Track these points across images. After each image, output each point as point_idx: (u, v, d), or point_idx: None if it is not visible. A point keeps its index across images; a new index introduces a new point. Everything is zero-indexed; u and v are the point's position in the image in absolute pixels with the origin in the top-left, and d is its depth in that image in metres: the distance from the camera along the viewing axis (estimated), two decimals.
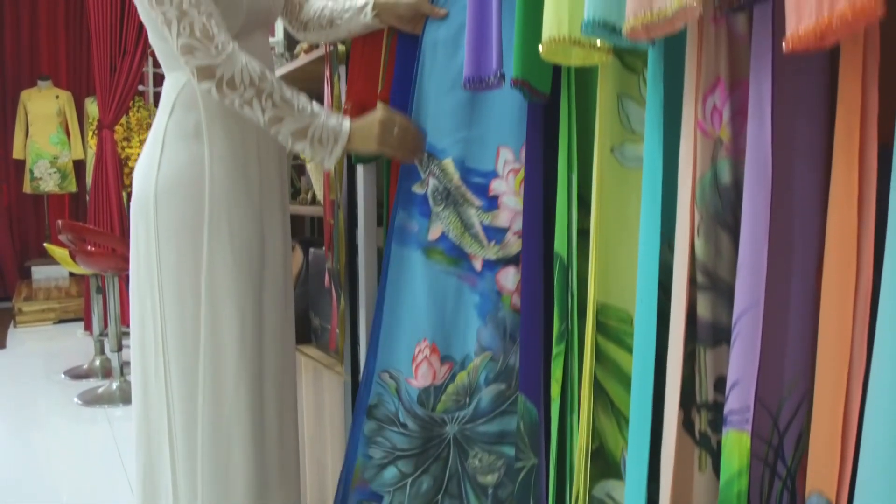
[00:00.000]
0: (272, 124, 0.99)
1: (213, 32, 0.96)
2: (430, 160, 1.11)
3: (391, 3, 1.15)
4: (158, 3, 0.95)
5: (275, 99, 0.98)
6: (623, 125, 0.85)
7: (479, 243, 1.08)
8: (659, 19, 0.67)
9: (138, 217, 1.07)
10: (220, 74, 0.96)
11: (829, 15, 0.52)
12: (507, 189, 1.05)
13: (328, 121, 1.02)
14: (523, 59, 0.85)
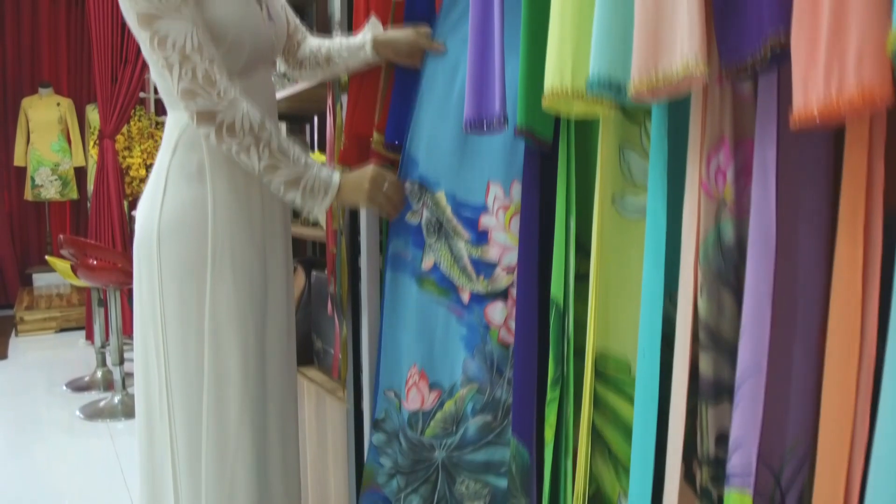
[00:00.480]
0: (267, 173, 1.00)
1: (215, 78, 0.96)
2: (424, 192, 1.12)
3: (390, 40, 1.16)
4: (160, 47, 0.95)
5: (272, 148, 0.99)
6: (624, 176, 0.85)
7: (468, 276, 1.10)
8: (664, 84, 0.67)
9: (141, 254, 1.07)
10: (221, 120, 0.96)
11: (837, 98, 0.53)
12: (497, 225, 1.07)
13: (320, 173, 1.04)
14: (527, 107, 0.85)
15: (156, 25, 0.95)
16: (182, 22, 0.95)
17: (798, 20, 0.56)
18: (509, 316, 1.08)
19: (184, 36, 0.95)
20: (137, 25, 0.97)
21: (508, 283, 1.07)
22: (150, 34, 0.96)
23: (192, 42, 0.95)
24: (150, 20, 0.95)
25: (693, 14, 0.64)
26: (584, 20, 0.76)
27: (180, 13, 0.95)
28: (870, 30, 0.50)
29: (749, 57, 0.62)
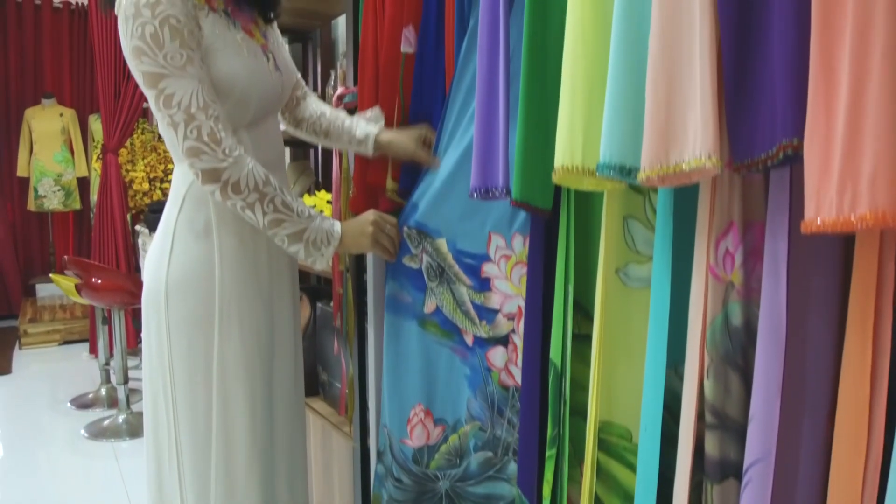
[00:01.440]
0: (271, 227, 1.01)
1: (220, 136, 0.97)
2: (424, 237, 1.14)
3: (392, 145, 1.20)
4: (166, 105, 0.96)
5: (276, 203, 1.00)
6: (628, 246, 0.86)
7: (471, 320, 1.12)
8: (675, 173, 0.68)
9: (150, 309, 1.08)
10: (226, 178, 0.97)
11: (849, 214, 0.53)
12: (499, 273, 1.09)
13: (322, 224, 1.06)
14: (523, 181, 0.85)
15: (161, 84, 0.96)
16: (187, 80, 0.96)
17: (811, 132, 0.56)
18: (510, 360, 1.11)
19: (189, 95, 0.96)
20: (143, 84, 0.98)
21: (509, 329, 1.10)
22: (155, 93, 0.96)
23: (198, 101, 0.96)
24: (155, 79, 0.96)
25: (706, 108, 0.64)
26: (594, 99, 0.77)
27: (185, 72, 0.96)
28: (884, 152, 0.51)
29: (761, 154, 0.63)
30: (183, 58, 0.96)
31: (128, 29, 0.96)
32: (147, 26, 0.94)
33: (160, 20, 0.94)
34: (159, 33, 0.94)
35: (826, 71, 0.55)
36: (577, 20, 0.78)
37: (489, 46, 0.92)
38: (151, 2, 0.95)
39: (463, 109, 1.10)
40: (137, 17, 0.95)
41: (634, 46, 0.71)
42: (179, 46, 0.95)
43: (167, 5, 0.95)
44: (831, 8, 0.55)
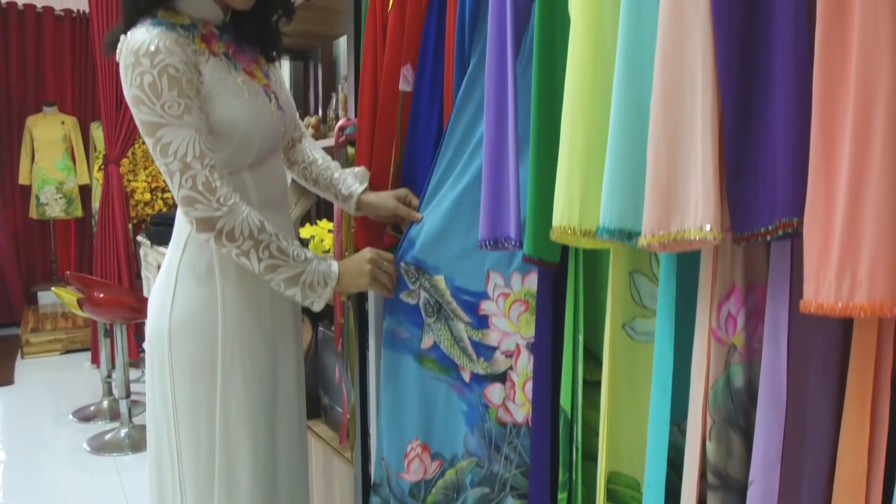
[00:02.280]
0: (267, 272, 1.02)
1: (215, 185, 0.97)
2: (421, 274, 1.14)
3: (373, 205, 1.22)
4: (163, 154, 0.97)
5: (271, 250, 1.00)
6: (634, 301, 0.86)
7: (469, 357, 1.13)
8: (676, 240, 0.68)
9: (153, 350, 1.09)
10: (221, 227, 0.98)
11: (847, 302, 0.53)
12: (498, 311, 1.09)
13: (319, 266, 1.06)
14: (535, 237, 0.86)
15: (159, 133, 0.96)
16: (184, 130, 0.96)
17: (811, 214, 0.57)
18: (507, 397, 1.11)
19: (186, 144, 0.96)
20: (142, 132, 0.99)
21: (507, 366, 1.10)
22: (153, 141, 0.97)
23: (194, 150, 0.96)
24: (153, 128, 0.96)
25: (707, 178, 0.65)
26: (592, 159, 0.77)
27: (183, 121, 0.96)
28: (883, 242, 0.51)
29: (761, 228, 0.63)
30: (180, 107, 0.96)
31: (127, 77, 0.97)
32: (146, 76, 0.95)
33: (159, 70, 0.95)
34: (157, 83, 0.95)
35: (826, 154, 0.56)
36: (576, 80, 0.78)
37: (497, 97, 0.92)
38: (151, 51, 0.95)
39: (460, 148, 1.10)
40: (137, 67, 0.95)
41: (635, 110, 0.72)
42: (177, 96, 0.96)
43: (166, 54, 0.95)
44: (833, 92, 0.55)
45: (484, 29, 1.06)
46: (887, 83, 0.51)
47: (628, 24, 0.72)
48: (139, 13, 1.02)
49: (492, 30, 0.94)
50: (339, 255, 1.45)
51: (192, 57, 1.00)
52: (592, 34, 0.77)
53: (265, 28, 1.17)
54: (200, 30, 1.05)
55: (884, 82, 0.51)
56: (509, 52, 0.92)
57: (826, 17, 0.55)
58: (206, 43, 1.05)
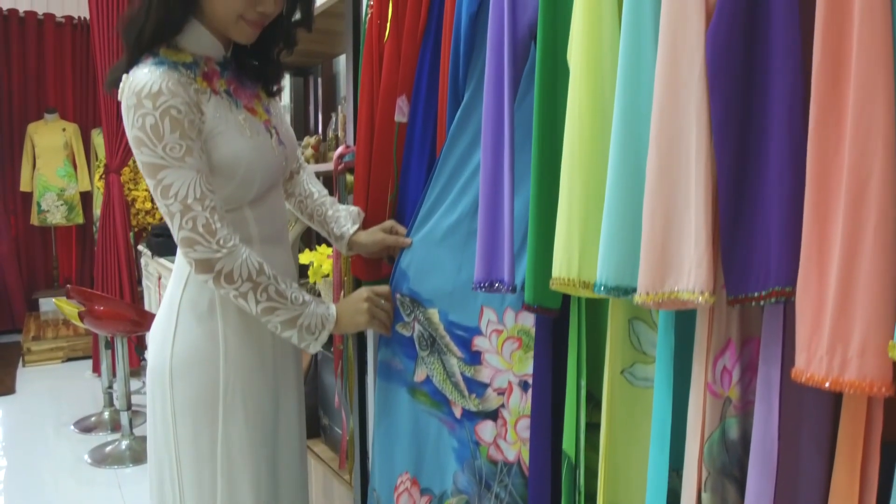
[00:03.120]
0: (264, 315, 1.02)
1: (215, 227, 0.98)
2: (416, 306, 1.14)
3: (363, 245, 1.23)
4: (163, 195, 0.97)
5: (269, 293, 1.01)
6: (634, 347, 0.87)
7: (460, 393, 1.12)
8: (670, 300, 0.69)
9: (154, 386, 1.09)
10: (220, 269, 0.98)
11: (837, 376, 0.54)
12: (490, 348, 1.09)
13: (317, 309, 1.07)
14: (536, 285, 0.86)
15: (160, 175, 0.96)
16: (186, 171, 0.96)
17: (803, 286, 0.57)
18: (499, 435, 1.10)
19: (186, 186, 0.96)
20: (143, 173, 0.99)
21: (499, 403, 1.10)
22: (154, 182, 0.97)
23: (195, 192, 0.97)
24: (154, 170, 0.97)
25: (701, 244, 0.65)
26: (591, 212, 0.78)
27: (184, 162, 0.96)
28: (874, 321, 0.52)
29: (754, 293, 0.64)
30: (182, 149, 0.96)
31: (129, 118, 0.97)
32: (148, 117, 0.95)
33: (161, 111, 0.95)
34: (159, 125, 0.95)
35: (820, 228, 0.56)
36: (575, 133, 0.79)
37: (493, 138, 0.93)
38: (153, 92, 0.95)
39: (453, 178, 1.10)
40: (139, 108, 0.95)
41: (632, 168, 0.72)
42: (179, 137, 0.96)
43: (168, 96, 0.96)
44: (827, 167, 0.56)
45: (478, 62, 1.07)
46: (881, 162, 0.52)
47: (626, 82, 0.73)
48: (141, 50, 1.02)
49: (489, 65, 0.94)
50: (337, 282, 1.45)
51: (194, 97, 1.00)
52: (591, 88, 0.78)
53: (267, 61, 1.17)
54: (202, 67, 1.05)
55: (878, 160, 0.52)
56: (507, 91, 0.92)
57: (822, 90, 0.56)
58: (207, 81, 1.05)
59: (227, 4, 1.01)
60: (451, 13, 1.11)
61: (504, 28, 0.91)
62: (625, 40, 0.73)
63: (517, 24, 0.92)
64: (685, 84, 0.66)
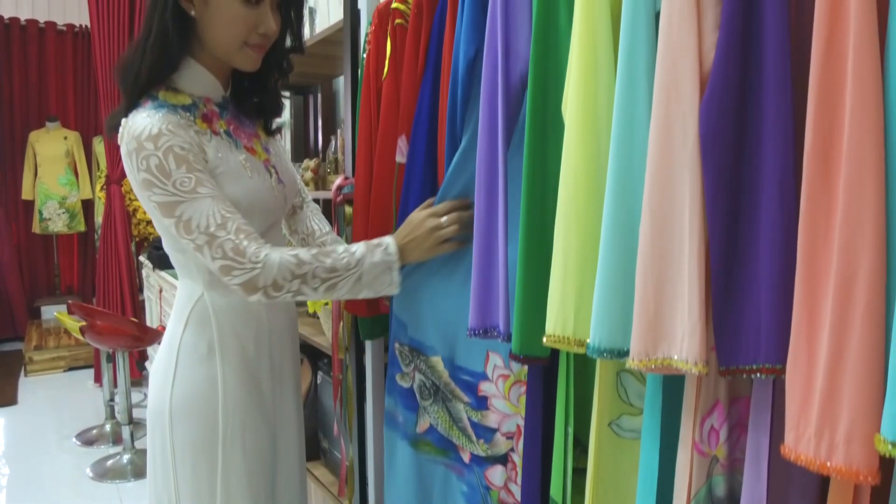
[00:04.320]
0: (328, 295, 1.01)
1: (243, 247, 0.96)
2: (416, 356, 1.14)
3: None
4: (186, 231, 0.97)
5: (319, 275, 0.99)
6: (621, 399, 0.88)
7: (468, 437, 1.12)
8: (663, 366, 0.70)
9: (154, 427, 1.10)
10: (263, 284, 0.97)
11: (825, 460, 0.55)
12: (497, 393, 1.08)
13: (373, 259, 1.03)
14: (523, 336, 0.87)
15: (177, 212, 0.96)
16: (200, 202, 0.96)
17: (793, 366, 0.58)
18: (509, 479, 1.10)
19: (206, 216, 0.96)
20: (160, 214, 0.98)
21: (508, 448, 1.09)
22: (174, 221, 0.97)
23: (215, 219, 0.96)
24: (171, 208, 0.96)
25: (693, 314, 0.66)
26: (586, 271, 0.78)
27: (198, 194, 0.96)
28: (861, 409, 0.53)
29: (743, 366, 0.65)
30: (192, 181, 0.96)
31: (132, 163, 0.97)
32: (151, 158, 0.95)
33: (164, 151, 0.95)
34: (164, 163, 0.95)
35: (809, 312, 0.57)
36: (569, 192, 0.79)
37: (487, 186, 0.94)
38: (153, 134, 0.96)
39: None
40: (140, 151, 0.96)
41: (626, 232, 0.73)
42: (186, 171, 0.96)
43: (169, 136, 0.96)
44: (816, 251, 0.57)
45: (475, 106, 1.07)
46: (870, 254, 0.53)
47: (619, 142, 0.73)
48: (140, 92, 1.03)
49: (483, 113, 0.95)
50: (336, 312, 1.46)
51: (195, 137, 1.00)
52: (586, 144, 0.79)
53: (264, 92, 1.18)
54: (201, 109, 1.06)
55: (867, 252, 0.53)
56: (500, 138, 0.93)
57: (812, 175, 0.57)
58: (207, 122, 1.06)
59: (231, 32, 1.02)
60: (450, 53, 1.12)
61: (497, 77, 0.92)
62: (619, 99, 0.74)
63: (510, 73, 0.93)
64: (678, 153, 0.67)
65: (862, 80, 0.54)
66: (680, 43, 0.66)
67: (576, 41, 0.80)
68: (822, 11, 0.56)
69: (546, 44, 0.86)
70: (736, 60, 0.64)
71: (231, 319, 1.09)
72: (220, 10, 1.01)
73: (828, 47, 0.55)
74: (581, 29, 0.79)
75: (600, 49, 0.78)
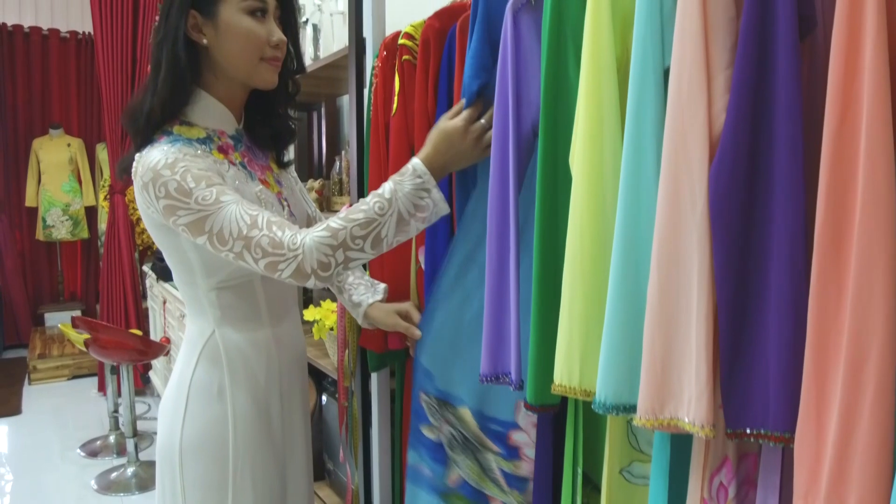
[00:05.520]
0: (376, 247, 0.96)
1: (279, 238, 0.93)
2: (445, 407, 1.12)
3: (376, 320, 1.23)
4: (221, 243, 0.95)
5: (359, 234, 0.94)
6: (632, 447, 0.88)
7: (500, 488, 1.09)
8: (670, 426, 0.70)
9: (164, 465, 1.10)
10: (310, 269, 0.94)
11: None
12: (529, 441, 1.05)
13: (404, 189, 0.97)
14: (537, 387, 0.87)
15: (206, 226, 0.94)
16: (226, 209, 0.94)
17: (802, 439, 0.58)
18: None
19: (234, 221, 0.94)
20: (191, 235, 0.96)
21: None
22: (206, 237, 0.95)
23: (245, 221, 0.94)
24: (199, 225, 0.94)
25: (701, 378, 0.66)
26: (591, 324, 0.79)
27: (221, 203, 0.94)
28: (869, 494, 0.53)
29: (750, 430, 0.65)
30: (213, 193, 0.94)
31: (150, 194, 0.96)
32: (170, 183, 0.94)
33: (181, 174, 0.94)
34: (183, 184, 0.94)
35: (819, 387, 0.57)
36: (576, 246, 0.79)
37: (499, 237, 0.93)
38: (169, 162, 0.95)
39: (464, 269, 1.08)
40: (158, 179, 0.94)
41: (632, 289, 0.73)
42: (206, 186, 0.95)
43: (187, 162, 0.96)
44: (827, 327, 0.57)
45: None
46: (881, 335, 0.53)
47: (627, 201, 0.74)
48: (154, 129, 1.02)
49: (494, 160, 0.95)
50: (342, 340, 1.47)
51: (213, 166, 1.00)
52: (593, 199, 0.79)
53: (276, 118, 1.17)
54: (216, 142, 1.06)
55: (878, 333, 0.53)
56: (511, 186, 0.93)
57: (823, 249, 0.57)
58: (223, 153, 1.05)
59: (247, 49, 1.02)
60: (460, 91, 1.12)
61: (509, 124, 0.92)
62: (626, 157, 0.74)
63: (521, 120, 0.93)
64: (687, 216, 0.67)
65: (875, 154, 0.54)
66: (690, 106, 0.66)
67: (582, 95, 0.80)
68: (836, 81, 0.57)
69: (556, 94, 0.86)
70: (747, 126, 0.64)
71: (242, 357, 1.09)
72: (233, 30, 1.01)
73: (841, 121, 0.55)
74: (587, 84, 0.79)
75: (606, 104, 0.79)
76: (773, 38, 0.62)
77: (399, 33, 1.26)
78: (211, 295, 1.07)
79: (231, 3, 1.01)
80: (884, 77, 0.55)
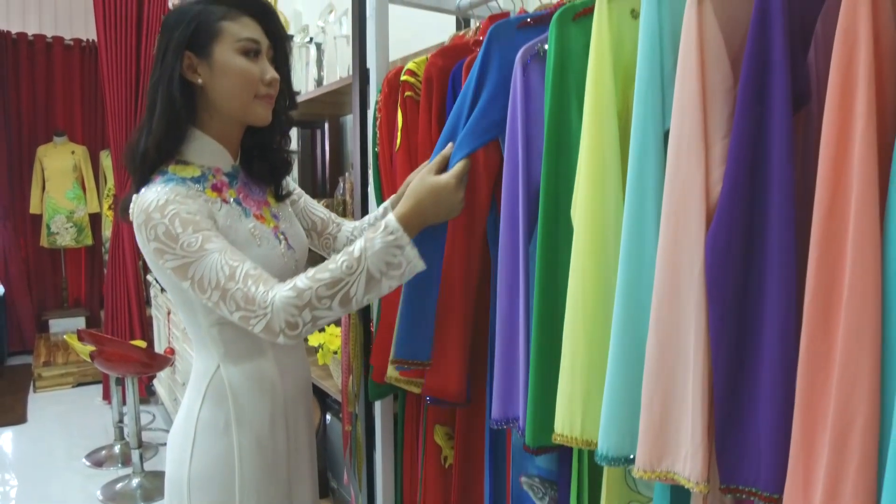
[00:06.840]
0: (345, 307, 0.97)
1: (252, 294, 0.95)
2: (549, 486, 1.05)
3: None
4: (201, 290, 0.97)
5: (325, 294, 0.95)
6: (630, 488, 0.90)
7: None
8: (667, 478, 0.72)
9: (172, 496, 1.13)
10: (279, 327, 0.95)
11: None
12: None
13: (375, 248, 0.96)
14: (535, 430, 0.89)
15: (189, 273, 0.97)
16: (208, 258, 0.96)
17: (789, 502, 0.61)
18: None
19: (214, 271, 0.96)
20: (175, 279, 0.99)
21: None
22: (189, 283, 0.97)
23: (224, 272, 0.96)
24: (184, 270, 0.97)
25: (697, 435, 0.69)
26: (593, 375, 0.81)
27: (205, 250, 0.96)
28: None
29: (744, 487, 0.67)
30: (199, 240, 0.97)
31: (143, 235, 0.99)
32: (159, 227, 0.97)
33: (170, 217, 0.97)
34: (171, 228, 0.96)
35: (806, 454, 0.60)
36: (577, 298, 0.82)
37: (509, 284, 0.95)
38: (161, 204, 0.97)
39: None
40: (149, 222, 0.97)
41: (633, 345, 0.75)
42: (193, 232, 0.97)
43: (177, 204, 0.98)
44: (814, 403, 0.59)
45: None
46: (865, 409, 0.55)
47: (629, 259, 0.76)
48: (150, 169, 1.05)
49: (504, 208, 0.96)
50: (346, 365, 1.49)
51: (204, 205, 1.02)
52: (593, 252, 0.81)
53: (271, 152, 1.19)
54: (211, 180, 1.08)
55: (863, 408, 0.55)
56: (521, 235, 0.94)
57: (812, 324, 0.59)
58: (217, 192, 1.08)
59: (243, 88, 1.04)
60: None
61: (518, 173, 0.94)
62: (628, 217, 0.76)
63: (531, 169, 0.94)
64: (685, 278, 0.70)
65: (863, 230, 0.56)
66: (688, 175, 0.69)
67: (584, 146, 0.82)
68: (827, 154, 0.59)
69: (558, 144, 0.88)
70: (742, 197, 0.66)
71: (247, 392, 1.12)
72: (227, 70, 1.04)
73: (830, 207, 0.58)
74: (589, 135, 0.81)
75: (608, 156, 0.81)
76: (768, 112, 0.64)
77: (401, 69, 1.28)
78: (213, 331, 1.09)
79: (225, 43, 1.04)
80: (872, 149, 0.57)
